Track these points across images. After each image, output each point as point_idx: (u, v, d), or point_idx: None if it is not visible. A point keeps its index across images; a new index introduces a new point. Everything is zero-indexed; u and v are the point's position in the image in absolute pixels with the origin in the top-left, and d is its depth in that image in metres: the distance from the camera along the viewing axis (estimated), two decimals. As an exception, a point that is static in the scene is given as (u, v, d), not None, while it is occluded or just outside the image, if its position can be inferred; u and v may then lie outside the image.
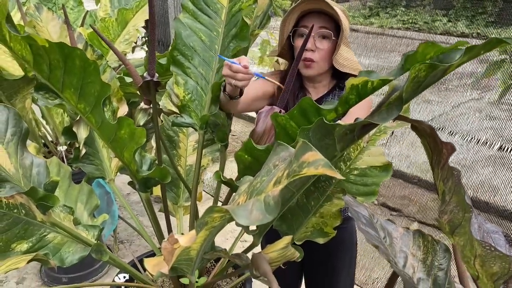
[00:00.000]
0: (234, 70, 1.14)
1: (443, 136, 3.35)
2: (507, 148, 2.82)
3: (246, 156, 1.06)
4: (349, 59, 1.36)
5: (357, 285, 2.58)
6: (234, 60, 1.16)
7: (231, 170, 3.41)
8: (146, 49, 3.78)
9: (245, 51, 1.41)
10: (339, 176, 0.49)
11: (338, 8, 1.30)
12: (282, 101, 1.24)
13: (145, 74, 1.10)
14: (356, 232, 1.65)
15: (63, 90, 1.03)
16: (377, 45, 3.54)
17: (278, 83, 1.30)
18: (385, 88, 0.83)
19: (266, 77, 1.29)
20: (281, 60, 2.08)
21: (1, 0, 0.83)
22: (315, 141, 0.84)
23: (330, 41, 1.35)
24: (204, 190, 3.29)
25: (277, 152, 0.69)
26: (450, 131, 3.24)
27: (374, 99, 1.23)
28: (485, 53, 0.68)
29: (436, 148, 0.64)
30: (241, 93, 1.27)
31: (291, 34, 1.39)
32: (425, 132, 0.66)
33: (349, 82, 0.82)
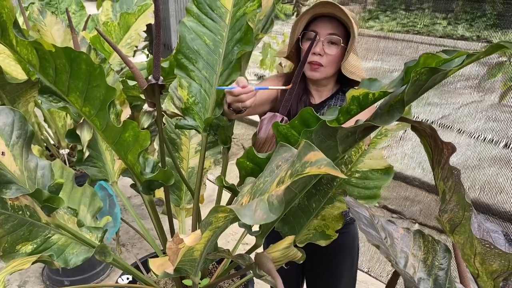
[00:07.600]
0: (236, 94, 1.14)
1: (450, 136, 3.37)
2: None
3: (247, 163, 1.07)
4: (357, 66, 1.37)
5: (372, 276, 2.60)
6: (232, 85, 1.17)
7: (233, 172, 3.42)
8: (147, 52, 3.80)
9: (249, 55, 1.43)
10: (341, 175, 0.50)
11: (350, 15, 1.29)
12: (285, 108, 1.25)
13: (150, 77, 1.11)
14: (358, 237, 1.66)
15: (68, 93, 1.05)
16: (377, 47, 3.56)
17: (283, 87, 1.29)
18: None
19: (269, 87, 1.29)
20: (284, 62, 2.09)
21: (8, 6, 0.85)
22: (317, 143, 0.85)
23: (339, 47, 1.35)
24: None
25: (280, 153, 0.70)
26: (455, 130, 3.26)
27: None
28: (485, 57, 0.70)
29: (437, 148, 0.66)
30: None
31: (300, 36, 1.40)
32: (426, 133, 0.68)
33: (350, 93, 0.82)
